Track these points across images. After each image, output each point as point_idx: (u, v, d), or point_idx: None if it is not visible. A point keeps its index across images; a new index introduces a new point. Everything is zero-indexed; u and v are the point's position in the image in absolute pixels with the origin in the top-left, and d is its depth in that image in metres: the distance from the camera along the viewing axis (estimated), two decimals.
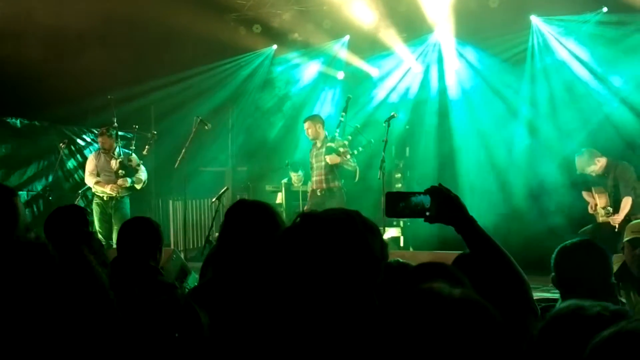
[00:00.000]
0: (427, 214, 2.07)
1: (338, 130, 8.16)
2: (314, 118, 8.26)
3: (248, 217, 2.47)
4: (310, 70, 10.88)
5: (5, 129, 9.10)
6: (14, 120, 9.26)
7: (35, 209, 9.08)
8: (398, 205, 2.11)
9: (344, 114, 8.39)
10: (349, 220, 1.61)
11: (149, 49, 9.38)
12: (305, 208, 8.28)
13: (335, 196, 7.89)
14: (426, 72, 10.22)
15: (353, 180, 8.11)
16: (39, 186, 9.33)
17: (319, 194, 8.02)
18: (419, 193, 2.09)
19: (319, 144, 8.12)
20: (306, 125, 8.14)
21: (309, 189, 8.26)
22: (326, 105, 10.28)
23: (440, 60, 10.12)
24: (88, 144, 10.05)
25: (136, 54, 9.16)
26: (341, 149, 7.89)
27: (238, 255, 2.31)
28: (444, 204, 2.06)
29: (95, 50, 8.49)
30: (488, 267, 2.03)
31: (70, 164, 9.68)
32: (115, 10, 8.32)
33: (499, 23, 9.12)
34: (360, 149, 8.25)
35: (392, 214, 2.13)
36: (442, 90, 10.02)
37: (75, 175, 9.45)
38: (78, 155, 9.77)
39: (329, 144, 8.00)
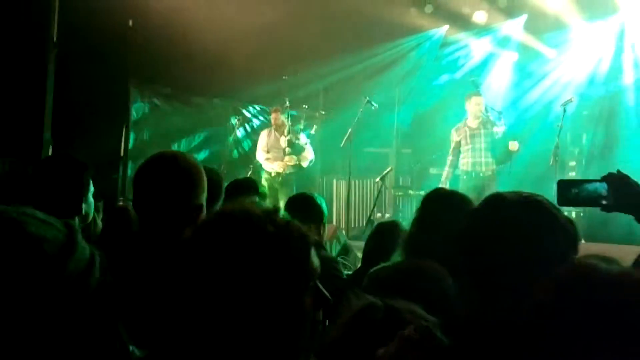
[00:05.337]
0: (604, 202, 1.94)
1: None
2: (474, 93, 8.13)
3: (444, 205, 2.55)
4: (481, 50, 10.48)
5: (190, 106, 9.80)
6: (195, 97, 9.93)
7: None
8: (571, 192, 2.00)
9: None
10: (537, 200, 1.59)
11: (316, 31, 9.55)
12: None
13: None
14: (613, 54, 9.39)
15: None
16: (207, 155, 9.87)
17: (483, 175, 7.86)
18: (595, 180, 1.97)
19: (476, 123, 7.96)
20: (474, 100, 7.99)
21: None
22: (497, 86, 9.85)
23: (621, 41, 9.27)
24: (259, 120, 10.50)
25: (305, 37, 9.37)
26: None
27: (434, 241, 2.35)
28: (623, 191, 1.92)
29: (266, 35, 8.81)
30: None
31: (242, 139, 10.18)
32: None
33: None
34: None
35: (564, 202, 2.00)
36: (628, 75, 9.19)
37: (246, 149, 9.91)
38: (250, 131, 10.24)
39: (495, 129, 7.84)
